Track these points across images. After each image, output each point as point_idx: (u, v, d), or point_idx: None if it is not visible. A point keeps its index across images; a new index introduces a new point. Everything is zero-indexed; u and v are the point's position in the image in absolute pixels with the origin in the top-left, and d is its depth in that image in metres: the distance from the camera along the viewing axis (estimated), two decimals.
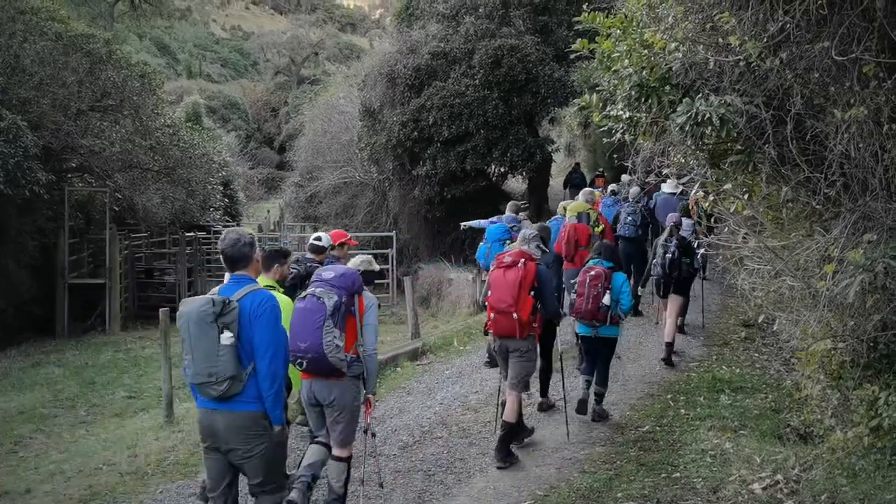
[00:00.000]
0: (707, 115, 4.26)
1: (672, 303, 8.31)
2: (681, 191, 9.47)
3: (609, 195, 11.24)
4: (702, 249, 8.19)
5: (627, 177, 11.50)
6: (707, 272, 11.00)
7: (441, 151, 16.70)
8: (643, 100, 4.82)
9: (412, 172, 17.55)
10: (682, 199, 9.94)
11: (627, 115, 5.08)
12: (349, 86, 25.52)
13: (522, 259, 5.60)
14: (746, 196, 5.47)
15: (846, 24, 4.06)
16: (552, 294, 5.87)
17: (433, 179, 16.99)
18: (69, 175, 18.21)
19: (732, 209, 5.67)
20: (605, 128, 5.43)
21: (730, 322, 10.00)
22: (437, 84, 16.87)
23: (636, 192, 10.20)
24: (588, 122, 16.67)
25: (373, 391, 4.74)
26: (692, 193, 6.98)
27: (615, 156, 10.15)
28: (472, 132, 16.49)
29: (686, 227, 8.89)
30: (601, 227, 8.67)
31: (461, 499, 5.14)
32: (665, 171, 6.95)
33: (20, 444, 8.25)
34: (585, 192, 9.07)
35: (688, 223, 9.11)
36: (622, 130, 5.30)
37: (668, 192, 10.41)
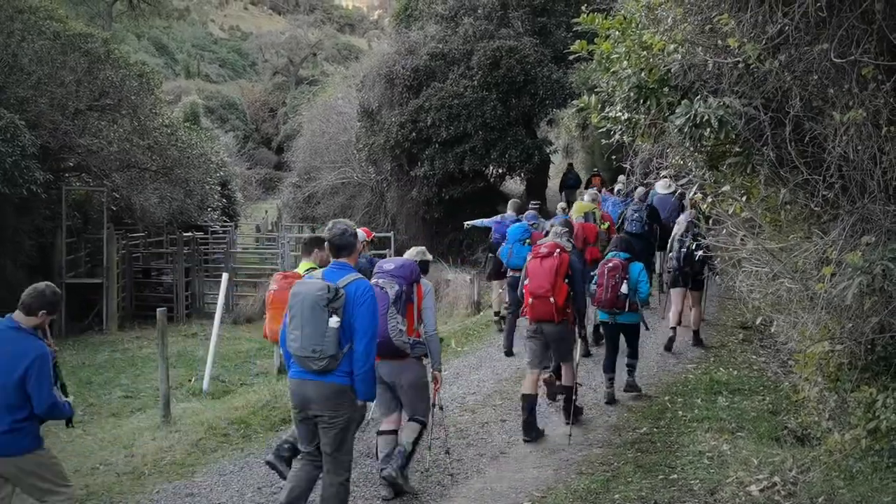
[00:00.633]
0: (706, 117, 4.26)
1: (691, 295, 8.89)
2: (673, 190, 10.00)
3: (616, 195, 11.95)
4: (700, 252, 8.21)
5: (624, 178, 11.75)
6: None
7: (439, 152, 16.66)
8: (642, 101, 4.82)
9: (410, 173, 17.52)
10: (681, 199, 10.04)
11: (626, 117, 5.09)
12: (347, 86, 25.48)
13: (557, 249, 6.14)
14: (745, 198, 5.48)
15: (845, 27, 4.05)
16: (581, 282, 6.39)
17: (431, 180, 16.95)
18: (67, 174, 18.19)
19: (731, 211, 5.68)
20: (604, 129, 5.43)
21: (728, 324, 10.02)
22: (436, 85, 16.84)
23: (642, 192, 10.43)
24: (586, 124, 16.63)
25: (438, 368, 5.22)
26: (689, 195, 7.01)
27: (613, 157, 10.19)
28: (471, 133, 16.46)
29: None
30: (606, 225, 9.32)
31: (458, 500, 5.13)
32: (662, 173, 6.97)
33: None
34: (591, 193, 9.87)
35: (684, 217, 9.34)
36: (621, 132, 5.30)
37: (663, 193, 10.72)
